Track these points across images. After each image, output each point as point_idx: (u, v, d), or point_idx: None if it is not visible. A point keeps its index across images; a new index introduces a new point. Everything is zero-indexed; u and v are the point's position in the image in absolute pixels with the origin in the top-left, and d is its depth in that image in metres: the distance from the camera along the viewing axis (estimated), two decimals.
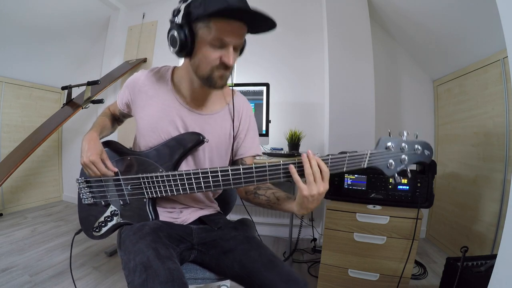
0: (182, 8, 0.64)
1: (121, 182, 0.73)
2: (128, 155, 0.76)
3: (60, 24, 2.31)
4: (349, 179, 1.26)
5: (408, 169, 0.65)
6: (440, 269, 1.25)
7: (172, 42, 0.64)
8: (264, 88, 1.68)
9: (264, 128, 1.69)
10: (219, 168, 0.63)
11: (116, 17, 2.57)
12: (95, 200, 0.76)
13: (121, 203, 0.74)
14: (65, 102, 2.00)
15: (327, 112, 1.90)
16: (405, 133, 0.63)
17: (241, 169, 0.62)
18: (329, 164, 0.59)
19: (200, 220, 0.81)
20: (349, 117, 1.85)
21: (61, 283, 1.31)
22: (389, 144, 0.61)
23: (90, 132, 0.75)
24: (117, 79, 2.21)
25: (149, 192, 0.70)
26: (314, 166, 0.56)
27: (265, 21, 0.59)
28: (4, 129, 2.29)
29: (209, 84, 0.67)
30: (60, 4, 2.15)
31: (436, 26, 1.70)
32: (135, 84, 0.78)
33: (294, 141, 1.74)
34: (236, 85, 1.68)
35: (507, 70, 1.36)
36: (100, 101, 1.94)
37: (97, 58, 2.65)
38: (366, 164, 0.61)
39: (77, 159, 0.73)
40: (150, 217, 0.72)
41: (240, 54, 0.70)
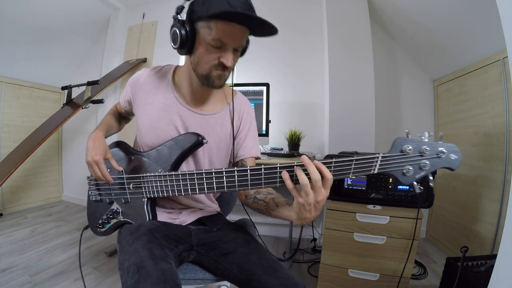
0: (186, 5, 0.65)
1: (124, 181, 0.74)
2: (132, 155, 0.77)
3: (60, 24, 2.31)
4: (349, 179, 1.26)
5: (430, 176, 0.54)
6: (440, 269, 1.25)
7: (174, 39, 0.64)
8: (264, 88, 1.69)
9: (264, 128, 1.69)
10: (224, 170, 0.60)
11: (116, 17, 2.57)
12: (101, 197, 0.79)
13: (123, 202, 0.75)
14: (65, 102, 2.00)
15: (327, 112, 1.90)
16: (427, 134, 0.52)
17: (249, 171, 0.58)
18: (333, 170, 0.52)
19: (200, 221, 0.81)
20: (349, 117, 1.85)
21: (61, 283, 1.31)
22: (406, 147, 0.51)
23: (96, 131, 0.76)
24: (117, 79, 2.21)
25: (147, 192, 0.71)
26: (314, 174, 0.49)
27: (266, 27, 0.58)
28: (4, 129, 2.29)
29: (207, 83, 0.67)
30: (60, 4, 2.15)
31: (436, 26, 1.70)
32: (137, 82, 0.78)
33: (294, 141, 1.74)
34: (236, 85, 1.68)
35: (507, 70, 1.36)
36: (100, 101, 1.94)
37: (97, 58, 2.65)
38: (377, 169, 0.52)
39: (77, 159, 0.74)
40: (148, 217, 0.72)
41: (242, 55, 0.70)
